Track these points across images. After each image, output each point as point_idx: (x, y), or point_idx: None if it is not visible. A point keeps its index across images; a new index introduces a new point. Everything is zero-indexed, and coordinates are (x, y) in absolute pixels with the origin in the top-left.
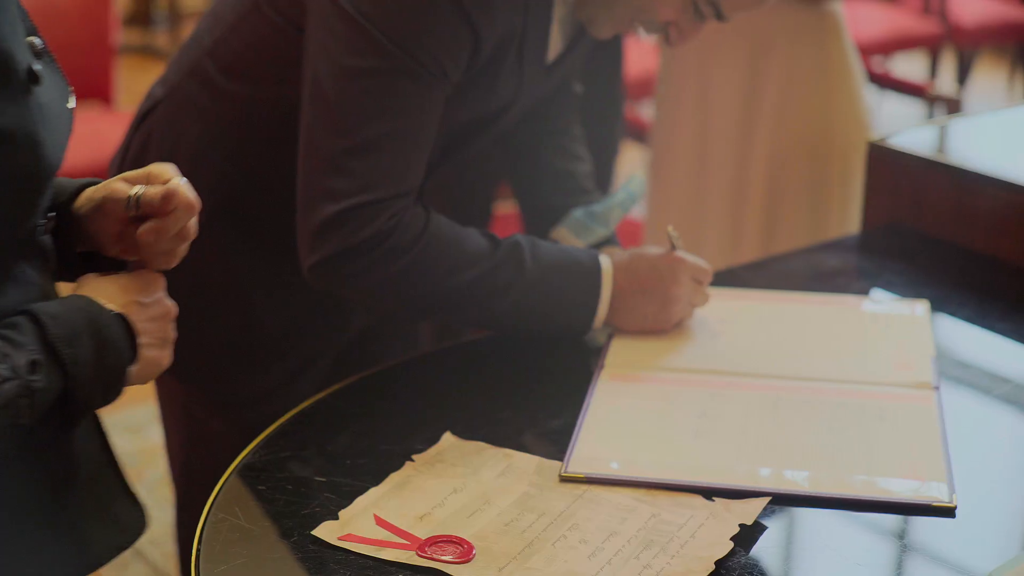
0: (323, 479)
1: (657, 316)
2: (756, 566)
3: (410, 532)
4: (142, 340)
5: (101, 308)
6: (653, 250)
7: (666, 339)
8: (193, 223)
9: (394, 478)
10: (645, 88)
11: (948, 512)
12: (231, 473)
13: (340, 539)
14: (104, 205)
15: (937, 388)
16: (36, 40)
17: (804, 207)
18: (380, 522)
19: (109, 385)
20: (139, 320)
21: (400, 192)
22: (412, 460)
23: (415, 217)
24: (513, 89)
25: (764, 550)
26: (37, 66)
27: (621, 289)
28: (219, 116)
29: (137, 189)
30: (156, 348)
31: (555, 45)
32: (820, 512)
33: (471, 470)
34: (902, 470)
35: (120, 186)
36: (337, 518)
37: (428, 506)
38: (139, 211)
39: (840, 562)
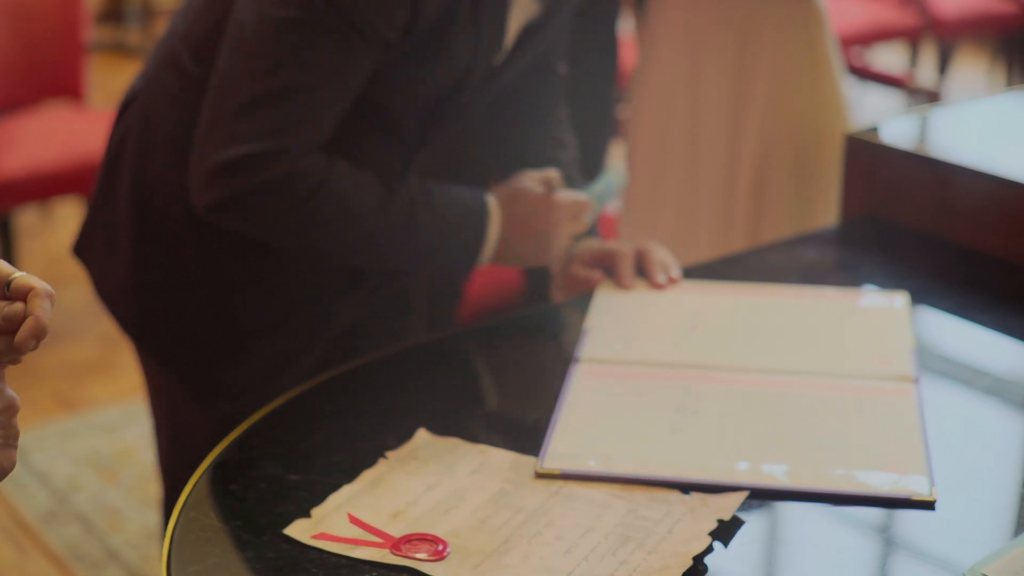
0: (296, 477)
1: (536, 255)
2: (734, 561)
3: (384, 530)
4: None
5: None
6: (531, 188)
7: (642, 333)
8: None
9: (367, 475)
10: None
11: (928, 505)
12: (203, 472)
13: (313, 538)
14: None
15: (917, 381)
16: None
17: (792, 199)
18: (353, 520)
19: None
20: None
21: (301, 143)
22: (385, 457)
23: (313, 167)
24: (472, 48)
25: (742, 545)
26: None
27: (504, 229)
28: (191, 104)
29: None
30: None
31: (524, 9)
32: (799, 506)
33: (445, 467)
34: (881, 463)
35: None
36: (310, 516)
37: (402, 504)
38: None
39: (819, 556)
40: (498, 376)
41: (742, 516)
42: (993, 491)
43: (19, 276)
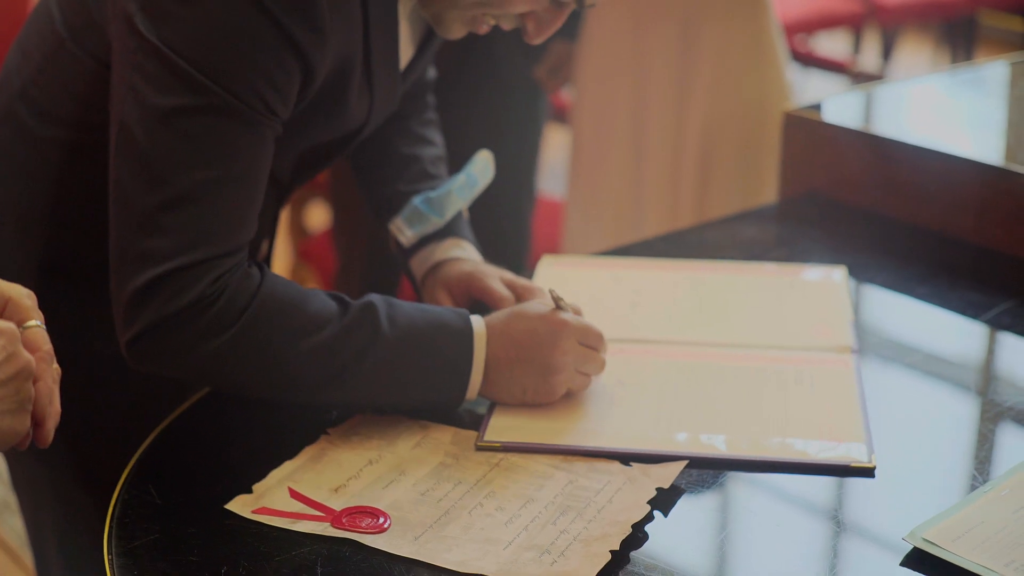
0: (237, 454)
1: (538, 389)
2: (673, 529)
3: (325, 504)
4: None
5: None
6: (534, 308)
7: (583, 310)
8: None
9: (309, 451)
10: None
11: (867, 472)
12: (143, 450)
13: (254, 512)
14: None
15: (855, 352)
16: None
17: (737, 180)
18: (295, 495)
19: None
20: None
21: (227, 250)
22: (327, 433)
23: (247, 278)
24: (367, 107)
25: (682, 513)
26: None
27: (496, 357)
28: (41, 167)
29: None
30: (8, 415)
31: (406, 50)
32: (738, 475)
33: (386, 442)
34: (820, 432)
35: None
36: (251, 492)
37: (343, 478)
38: None
39: (758, 523)
40: None
41: (682, 485)
42: (931, 459)
43: (32, 326)
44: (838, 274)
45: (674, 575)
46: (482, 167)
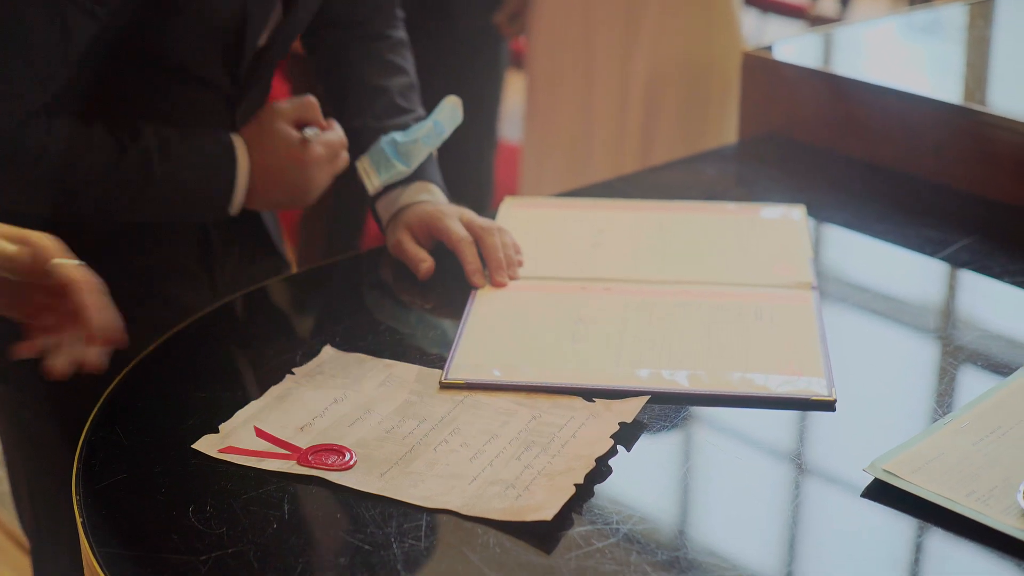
0: (202, 395)
1: (293, 199)
2: (637, 463)
3: (291, 442)
4: None
5: None
6: (282, 129)
7: (545, 250)
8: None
9: (274, 391)
10: None
11: (827, 406)
12: (109, 392)
13: (220, 452)
14: None
15: (815, 288)
16: None
17: (683, 123)
18: (260, 434)
19: None
20: None
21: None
22: (292, 373)
23: (31, 132)
24: None
25: (644, 447)
26: None
27: (254, 174)
28: None
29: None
30: None
31: None
32: (700, 410)
33: (351, 380)
34: (780, 366)
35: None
36: (217, 431)
37: (308, 417)
38: None
39: (719, 456)
40: (403, 293)
41: (644, 420)
42: (891, 394)
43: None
44: (797, 212)
45: (637, 508)
46: (449, 113)
